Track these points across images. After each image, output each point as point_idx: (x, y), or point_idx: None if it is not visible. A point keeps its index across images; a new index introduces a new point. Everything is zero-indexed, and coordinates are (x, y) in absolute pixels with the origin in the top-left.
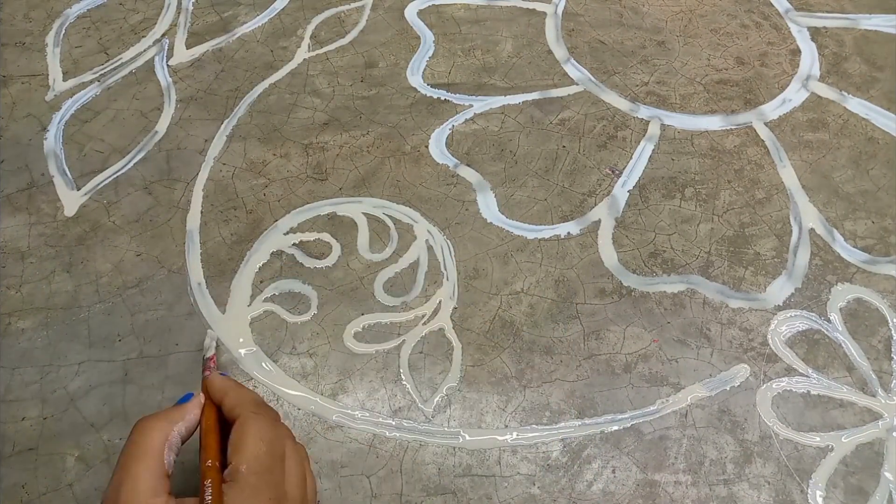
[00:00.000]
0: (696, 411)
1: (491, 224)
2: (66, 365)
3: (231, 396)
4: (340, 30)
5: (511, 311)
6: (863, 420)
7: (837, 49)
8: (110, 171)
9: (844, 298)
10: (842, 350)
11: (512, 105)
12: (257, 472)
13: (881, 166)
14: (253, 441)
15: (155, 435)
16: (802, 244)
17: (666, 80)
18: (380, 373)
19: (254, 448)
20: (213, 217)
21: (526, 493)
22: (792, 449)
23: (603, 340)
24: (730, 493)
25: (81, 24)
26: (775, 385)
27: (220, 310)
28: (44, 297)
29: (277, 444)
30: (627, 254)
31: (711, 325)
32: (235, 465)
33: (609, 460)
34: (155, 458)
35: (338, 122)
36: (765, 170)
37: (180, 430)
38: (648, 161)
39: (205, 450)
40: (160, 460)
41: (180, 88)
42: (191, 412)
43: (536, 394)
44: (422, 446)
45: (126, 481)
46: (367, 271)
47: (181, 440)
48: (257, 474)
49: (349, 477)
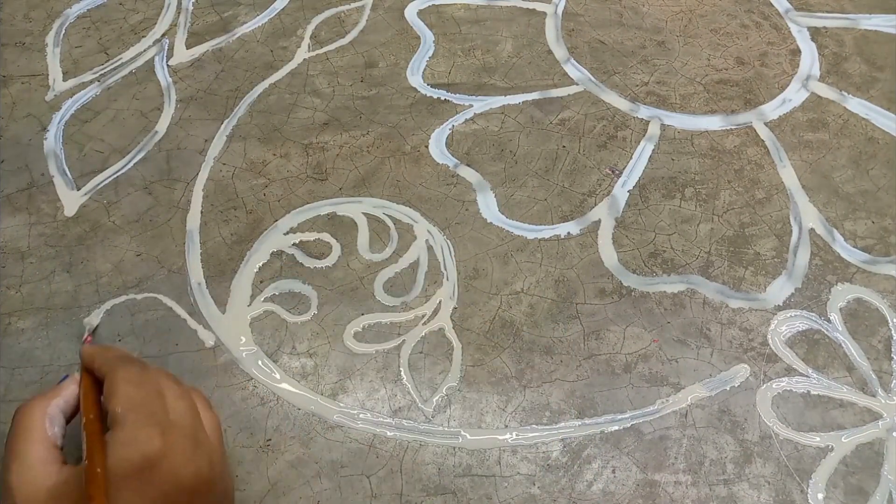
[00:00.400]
0: (696, 411)
1: (491, 224)
2: (67, 365)
3: (98, 358)
4: (340, 30)
5: (511, 311)
6: (863, 420)
7: (837, 49)
8: (110, 171)
9: (844, 298)
10: (842, 350)
11: (512, 105)
12: (134, 409)
13: (881, 166)
14: (122, 384)
15: (33, 413)
16: (802, 244)
17: (666, 80)
18: (380, 373)
19: (124, 390)
20: (213, 217)
21: (526, 493)
22: (792, 449)
23: (603, 340)
24: (730, 493)
25: (81, 24)
26: (775, 385)
27: (220, 310)
28: (44, 297)
29: (149, 382)
30: (627, 254)
31: (711, 325)
32: (112, 410)
33: (609, 460)
34: (37, 432)
35: (338, 122)
36: (765, 170)
37: (58, 403)
38: (648, 161)
39: (83, 409)
40: (43, 433)
41: (180, 88)
42: (67, 388)
43: (536, 394)
44: (422, 446)
45: (13, 462)
46: (367, 271)
47: (63, 414)
48: (135, 410)
49: (349, 477)
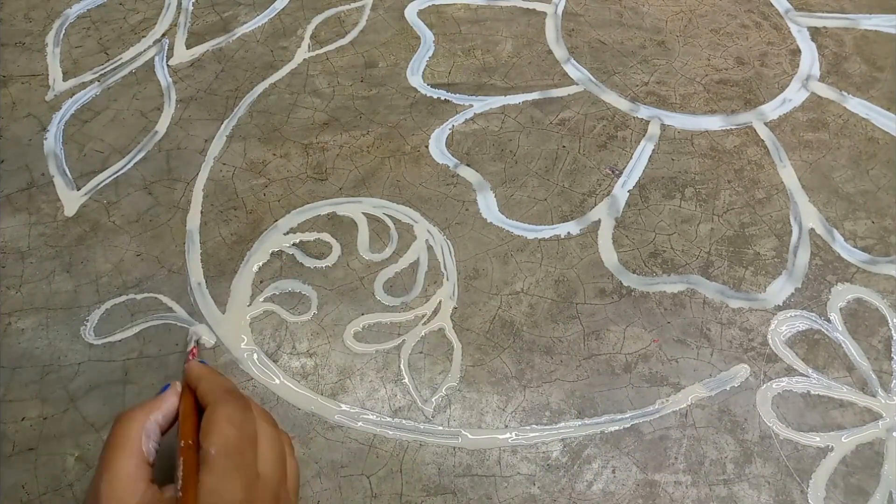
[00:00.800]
0: (696, 411)
1: (491, 224)
2: (67, 365)
3: (204, 383)
4: (340, 30)
5: (511, 312)
6: (863, 420)
7: (837, 49)
8: (110, 171)
9: (844, 298)
10: (842, 350)
11: (512, 105)
12: (227, 455)
13: (881, 166)
14: (221, 425)
15: (131, 425)
16: (802, 244)
17: (666, 80)
18: (380, 372)
19: (222, 431)
20: (213, 217)
21: (526, 493)
22: (792, 449)
23: (603, 340)
24: (730, 493)
25: (81, 24)
26: (775, 385)
27: (221, 310)
28: (44, 297)
29: (247, 426)
30: (627, 254)
31: (711, 325)
32: (206, 449)
33: (609, 460)
34: (132, 446)
35: (338, 122)
36: (765, 170)
37: (157, 417)
38: (648, 161)
39: (181, 433)
40: (138, 448)
41: (180, 88)
42: (167, 400)
43: (536, 394)
44: (422, 446)
45: (105, 472)
46: (367, 271)
47: (160, 428)
48: (227, 456)
49: (349, 477)
